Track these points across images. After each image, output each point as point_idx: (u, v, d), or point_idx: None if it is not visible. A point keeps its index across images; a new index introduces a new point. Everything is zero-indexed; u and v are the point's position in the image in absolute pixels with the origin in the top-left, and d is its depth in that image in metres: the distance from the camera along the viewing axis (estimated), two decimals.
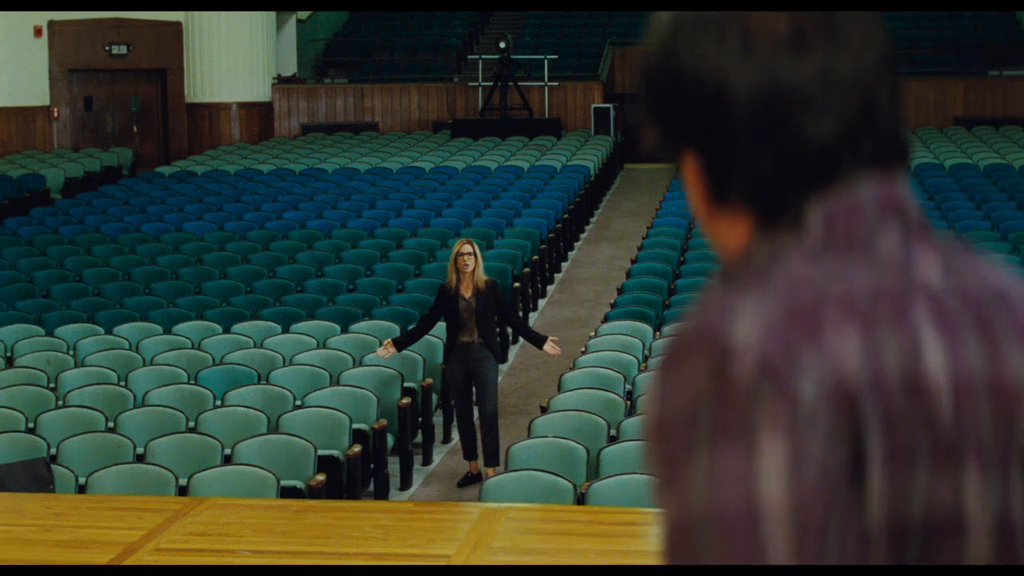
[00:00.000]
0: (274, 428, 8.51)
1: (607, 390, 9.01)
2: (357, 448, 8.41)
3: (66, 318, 12.53)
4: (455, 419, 10.08)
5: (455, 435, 11.09)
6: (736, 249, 1.34)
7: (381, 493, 9.02)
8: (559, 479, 6.79)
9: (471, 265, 9.72)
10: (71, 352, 11.16)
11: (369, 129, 28.39)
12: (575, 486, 6.74)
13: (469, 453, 9.82)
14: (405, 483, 9.67)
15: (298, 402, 9.24)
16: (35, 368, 10.33)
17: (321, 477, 7.63)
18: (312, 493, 7.49)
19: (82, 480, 7.23)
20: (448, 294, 9.81)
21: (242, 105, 28.01)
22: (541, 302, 15.95)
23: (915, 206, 1.33)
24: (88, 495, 6.21)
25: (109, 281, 14.33)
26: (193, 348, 11.09)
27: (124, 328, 11.89)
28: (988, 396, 1.28)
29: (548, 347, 9.90)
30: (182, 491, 7.06)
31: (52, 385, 9.94)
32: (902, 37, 29.75)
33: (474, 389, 9.78)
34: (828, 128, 1.30)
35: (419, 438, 10.30)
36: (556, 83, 28.83)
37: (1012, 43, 29.33)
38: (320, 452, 7.94)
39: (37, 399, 9.33)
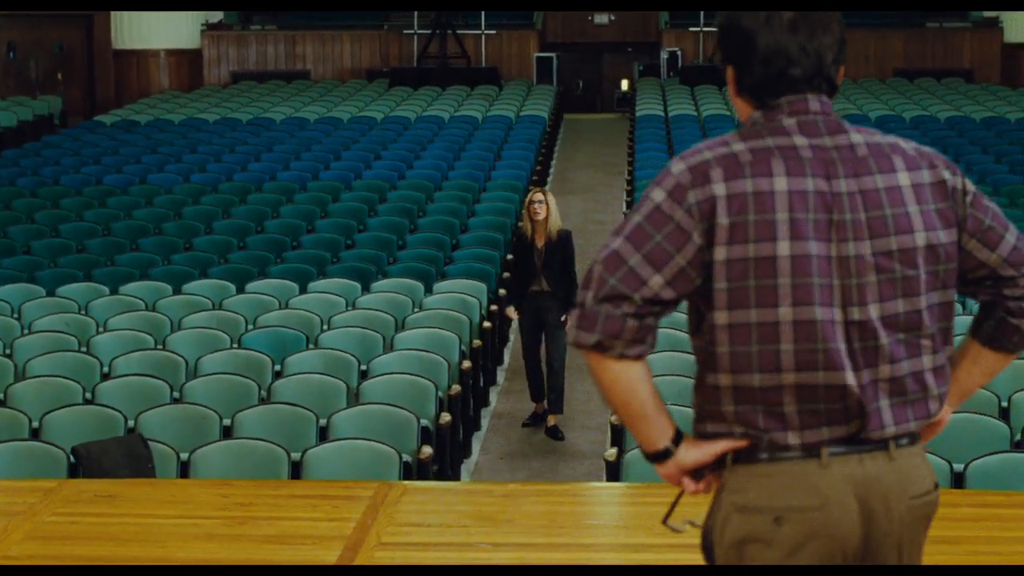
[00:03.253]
0: (355, 399, 7.99)
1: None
2: (447, 417, 7.93)
3: (62, 277, 11.80)
4: (525, 366, 9.80)
5: (493, 399, 10.67)
6: (744, 119, 2.73)
7: (455, 463, 8.55)
8: None
9: (542, 213, 9.64)
10: (83, 312, 10.48)
11: (301, 77, 27.56)
12: None
13: (536, 395, 9.85)
14: (465, 451, 9.21)
15: (363, 367, 8.73)
16: (59, 332, 9.64)
17: (428, 450, 7.14)
18: (421, 468, 7.01)
19: (183, 456, 6.69)
20: (524, 241, 9.68)
21: (170, 52, 27.02)
22: None
23: (829, 112, 2.73)
24: (261, 480, 5.64)
25: (90, 237, 13.60)
26: (215, 309, 10.49)
27: (132, 287, 11.22)
28: (815, 199, 2.60)
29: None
30: (295, 469, 6.54)
31: (84, 349, 9.29)
32: None
33: (543, 338, 9.70)
34: (797, 72, 2.70)
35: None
36: (493, 31, 28.27)
37: None
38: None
39: (82, 367, 8.69)
